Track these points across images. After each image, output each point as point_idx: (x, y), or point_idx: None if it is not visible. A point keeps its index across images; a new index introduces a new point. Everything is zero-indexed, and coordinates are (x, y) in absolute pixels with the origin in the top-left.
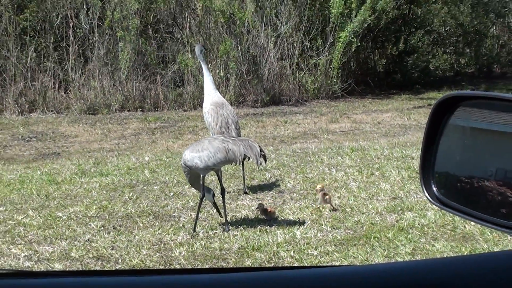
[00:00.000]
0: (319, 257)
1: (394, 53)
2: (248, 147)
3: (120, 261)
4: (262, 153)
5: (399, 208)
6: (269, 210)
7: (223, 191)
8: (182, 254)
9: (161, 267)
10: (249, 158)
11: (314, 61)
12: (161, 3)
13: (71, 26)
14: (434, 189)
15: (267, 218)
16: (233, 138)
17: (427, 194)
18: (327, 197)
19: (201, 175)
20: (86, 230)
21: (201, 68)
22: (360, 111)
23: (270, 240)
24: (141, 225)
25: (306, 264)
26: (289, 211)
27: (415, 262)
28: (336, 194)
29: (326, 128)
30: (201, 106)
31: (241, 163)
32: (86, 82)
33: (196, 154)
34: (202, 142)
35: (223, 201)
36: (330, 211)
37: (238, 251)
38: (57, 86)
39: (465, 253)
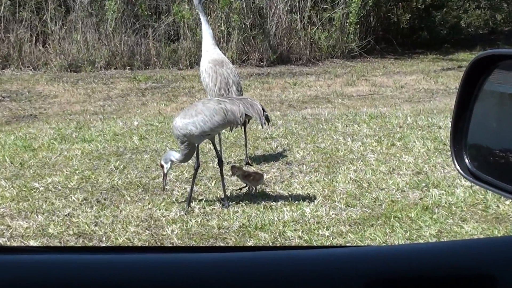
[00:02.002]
0: (331, 238)
1: (420, 6)
2: (249, 105)
3: (104, 239)
4: (265, 112)
5: (424, 184)
6: (251, 175)
7: (220, 162)
8: (175, 233)
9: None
10: (249, 120)
11: (328, 15)
12: None
13: None
14: (467, 161)
15: (248, 185)
16: (230, 98)
17: (458, 167)
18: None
19: (196, 144)
20: (66, 203)
21: (199, 21)
22: (380, 72)
23: (276, 218)
24: (128, 198)
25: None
26: (297, 186)
27: (440, 244)
28: (352, 167)
29: (341, 91)
30: (198, 65)
31: (242, 126)
32: (67, 35)
33: (189, 120)
34: (195, 106)
35: (221, 173)
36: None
37: (239, 230)
38: (34, 39)
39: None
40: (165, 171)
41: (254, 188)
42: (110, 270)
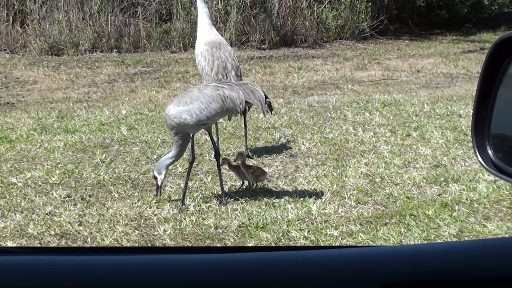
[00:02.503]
0: (340, 238)
1: None
2: (250, 91)
3: (89, 239)
4: (267, 99)
5: (442, 179)
6: (251, 168)
7: (217, 154)
8: (168, 233)
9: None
10: (249, 108)
11: None
12: None
13: None
14: (490, 152)
15: (248, 180)
16: (228, 83)
17: (480, 159)
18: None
19: (191, 134)
20: (46, 200)
21: None
22: (394, 55)
23: (279, 217)
24: (116, 195)
25: None
26: (302, 181)
27: (461, 243)
28: (363, 160)
29: (351, 76)
30: (193, 47)
31: (241, 114)
32: (48, 14)
33: (183, 108)
34: (190, 92)
35: (218, 167)
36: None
37: (238, 229)
38: (11, 19)
39: None
40: (159, 183)
41: (254, 184)
42: (95, 273)
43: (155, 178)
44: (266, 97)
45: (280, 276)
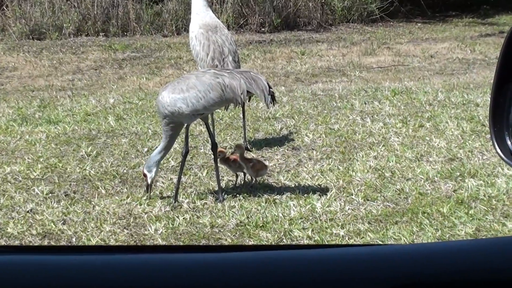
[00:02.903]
0: (346, 238)
1: None
2: (252, 80)
3: (74, 239)
4: (271, 89)
5: (458, 174)
6: (251, 161)
7: (214, 147)
8: (159, 232)
9: None
10: (249, 99)
11: None
12: None
13: None
14: (509, 143)
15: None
16: (228, 71)
17: (499, 151)
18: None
19: (185, 124)
20: (28, 197)
21: None
22: (405, 39)
23: (280, 215)
24: (103, 191)
25: None
26: (306, 175)
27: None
28: (372, 152)
29: (359, 62)
30: (187, 30)
31: (242, 105)
32: None
33: (179, 96)
34: (186, 79)
35: (215, 160)
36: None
37: (236, 228)
38: None
39: None
40: (149, 181)
41: (254, 179)
42: (82, 273)
43: (145, 176)
44: (270, 87)
45: (282, 277)
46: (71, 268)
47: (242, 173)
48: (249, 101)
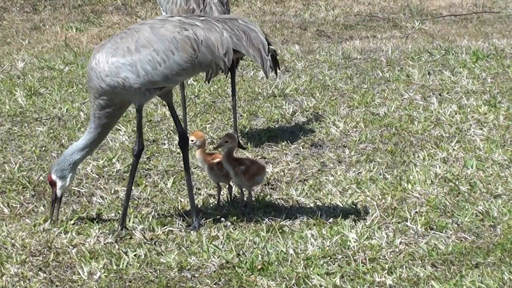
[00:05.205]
0: None
1: None
2: (240, 32)
3: None
4: (271, 47)
5: None
6: (243, 163)
7: (183, 140)
8: (96, 277)
9: None
10: (238, 62)
11: None
12: None
13: None
14: None
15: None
16: (203, 17)
17: None
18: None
19: (136, 105)
20: None
21: None
22: None
23: (291, 252)
24: (5, 211)
25: None
26: (332, 188)
27: None
28: (438, 152)
29: (420, 6)
30: None
31: (227, 72)
32: None
33: (123, 60)
34: (135, 31)
35: (185, 162)
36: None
37: (220, 273)
38: None
39: None
40: (59, 193)
41: (247, 191)
42: None
43: (52, 184)
44: (269, 44)
45: None
46: None
47: (229, 184)
48: (236, 67)
